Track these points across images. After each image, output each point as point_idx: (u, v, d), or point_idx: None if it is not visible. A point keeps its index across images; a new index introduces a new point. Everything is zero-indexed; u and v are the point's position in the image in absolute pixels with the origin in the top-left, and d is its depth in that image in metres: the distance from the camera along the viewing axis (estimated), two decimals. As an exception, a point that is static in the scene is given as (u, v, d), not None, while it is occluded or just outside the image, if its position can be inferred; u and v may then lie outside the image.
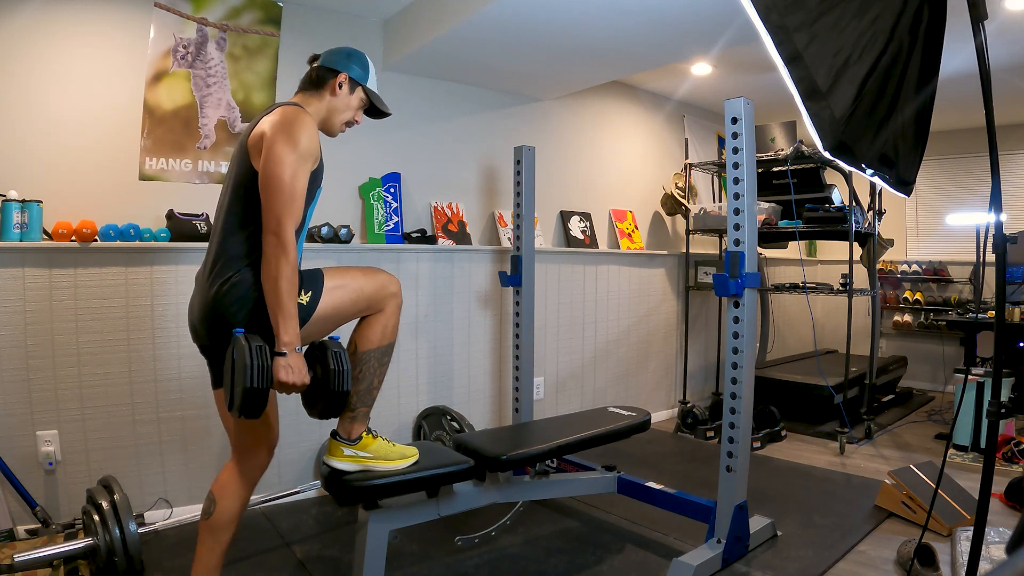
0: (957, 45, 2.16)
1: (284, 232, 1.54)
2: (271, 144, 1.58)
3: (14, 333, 2.31)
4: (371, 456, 1.87)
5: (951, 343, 5.22)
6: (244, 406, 1.52)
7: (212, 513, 1.74)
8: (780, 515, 2.61)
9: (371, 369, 1.84)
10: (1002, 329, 1.56)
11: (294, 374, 1.56)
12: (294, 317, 1.56)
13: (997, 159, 1.45)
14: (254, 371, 1.49)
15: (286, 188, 1.55)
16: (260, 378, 1.50)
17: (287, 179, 1.56)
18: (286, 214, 1.55)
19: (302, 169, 1.60)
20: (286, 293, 1.54)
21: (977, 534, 1.48)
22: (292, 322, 1.56)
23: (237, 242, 1.64)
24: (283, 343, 1.54)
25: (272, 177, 1.56)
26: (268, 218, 1.56)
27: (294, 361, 1.56)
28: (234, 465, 1.79)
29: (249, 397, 1.51)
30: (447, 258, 3.36)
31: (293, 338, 1.56)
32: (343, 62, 1.81)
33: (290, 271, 1.55)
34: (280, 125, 1.60)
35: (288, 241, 1.55)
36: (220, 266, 1.64)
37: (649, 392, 4.42)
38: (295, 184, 1.57)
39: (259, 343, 1.53)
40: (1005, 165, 4.60)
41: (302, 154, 1.59)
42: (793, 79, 1.40)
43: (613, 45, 2.96)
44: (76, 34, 2.46)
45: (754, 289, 2.25)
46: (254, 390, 1.50)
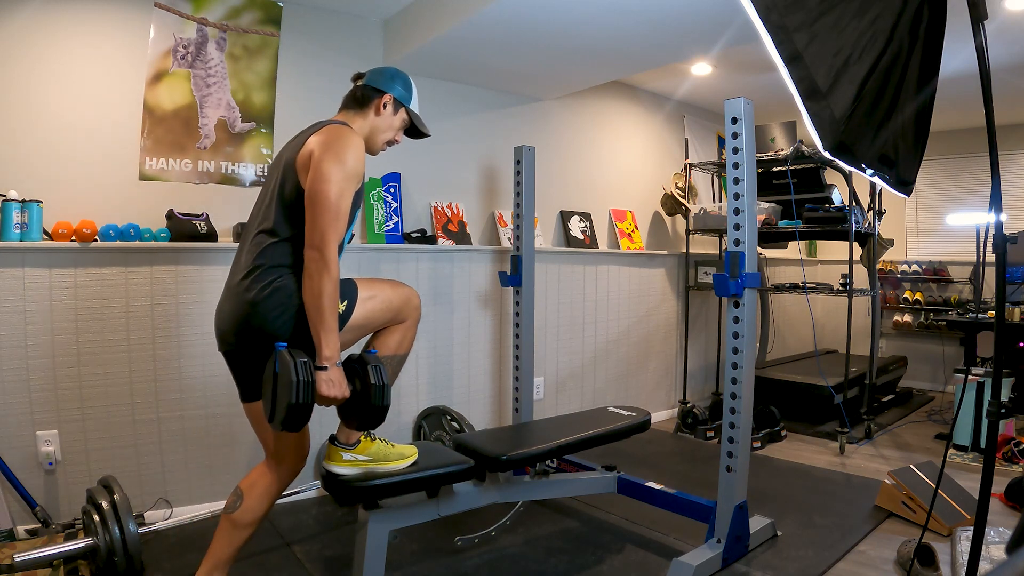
0: (957, 45, 2.16)
1: (328, 248, 1.58)
2: (319, 162, 1.61)
3: (14, 333, 2.31)
4: (370, 459, 1.87)
5: (951, 343, 5.22)
6: (288, 420, 1.54)
7: (237, 509, 1.77)
8: (780, 515, 2.61)
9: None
10: (1002, 329, 1.56)
11: (335, 388, 1.59)
12: (335, 331, 1.59)
13: (997, 159, 1.45)
14: (299, 386, 1.51)
15: (332, 206, 1.59)
16: (305, 393, 1.52)
17: (333, 198, 1.59)
18: (330, 231, 1.58)
19: (348, 188, 1.63)
20: (328, 308, 1.57)
21: (977, 534, 1.48)
22: (333, 336, 1.59)
23: (281, 251, 1.67)
24: (324, 357, 1.57)
25: (319, 194, 1.59)
26: (313, 234, 1.59)
27: (335, 375, 1.59)
28: (267, 469, 1.82)
29: (294, 412, 1.53)
30: (447, 258, 3.36)
31: (334, 352, 1.59)
32: (388, 83, 1.85)
33: (332, 287, 1.58)
34: (329, 144, 1.64)
35: (331, 257, 1.58)
36: (260, 272, 1.66)
37: (649, 392, 4.42)
38: (340, 203, 1.61)
39: (304, 358, 1.55)
40: (1005, 165, 4.60)
41: (349, 174, 1.63)
42: (793, 79, 1.40)
43: (613, 45, 2.96)
44: (76, 34, 2.46)
45: (754, 289, 2.25)
46: (299, 405, 1.52)
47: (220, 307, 1.77)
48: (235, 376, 1.81)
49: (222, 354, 1.80)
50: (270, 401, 1.59)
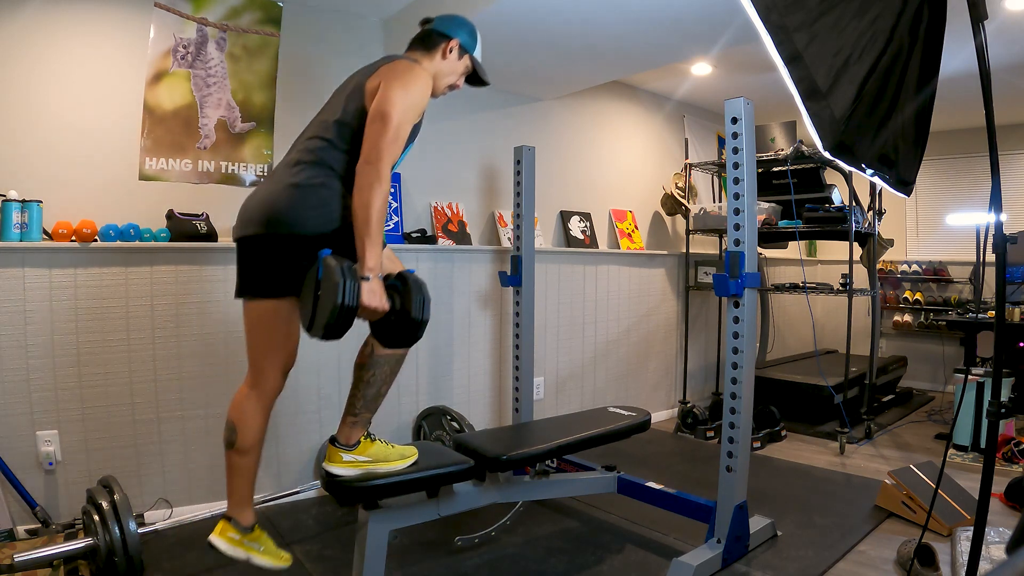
0: (957, 45, 2.16)
1: (383, 165, 1.63)
2: (388, 86, 1.68)
3: (14, 333, 2.31)
4: (370, 460, 1.87)
5: (951, 343, 5.22)
6: (332, 325, 1.56)
7: (235, 442, 1.79)
8: (780, 515, 2.61)
9: (382, 375, 1.84)
10: (1002, 329, 1.56)
11: (376, 298, 1.62)
12: (379, 245, 1.63)
13: (997, 159, 1.45)
14: (346, 289, 1.54)
15: (392, 127, 1.65)
16: (351, 296, 1.55)
17: (395, 120, 1.65)
18: (388, 150, 1.64)
19: (409, 116, 1.70)
20: (376, 220, 1.62)
21: (977, 534, 1.48)
22: (378, 249, 1.63)
23: (334, 157, 1.73)
24: (368, 268, 1.61)
25: (382, 115, 1.65)
26: (369, 150, 1.65)
27: (376, 286, 1.62)
28: (249, 389, 1.81)
29: (340, 315, 1.54)
30: (447, 258, 3.36)
31: (376, 264, 1.62)
32: (456, 28, 1.93)
33: (382, 202, 1.63)
34: (399, 74, 1.72)
35: (385, 174, 1.63)
36: (310, 164, 1.72)
37: (649, 392, 4.42)
38: (400, 127, 1.67)
39: (350, 263, 1.59)
40: (1005, 165, 4.60)
41: (412, 103, 1.70)
42: (793, 79, 1.40)
43: (613, 45, 2.96)
44: (76, 34, 2.46)
45: (754, 289, 2.25)
46: (345, 308, 1.54)
47: (253, 193, 1.79)
48: (242, 267, 1.78)
49: (236, 242, 1.79)
50: (310, 308, 1.61)
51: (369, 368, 1.82)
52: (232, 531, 1.79)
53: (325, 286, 1.56)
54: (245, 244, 1.77)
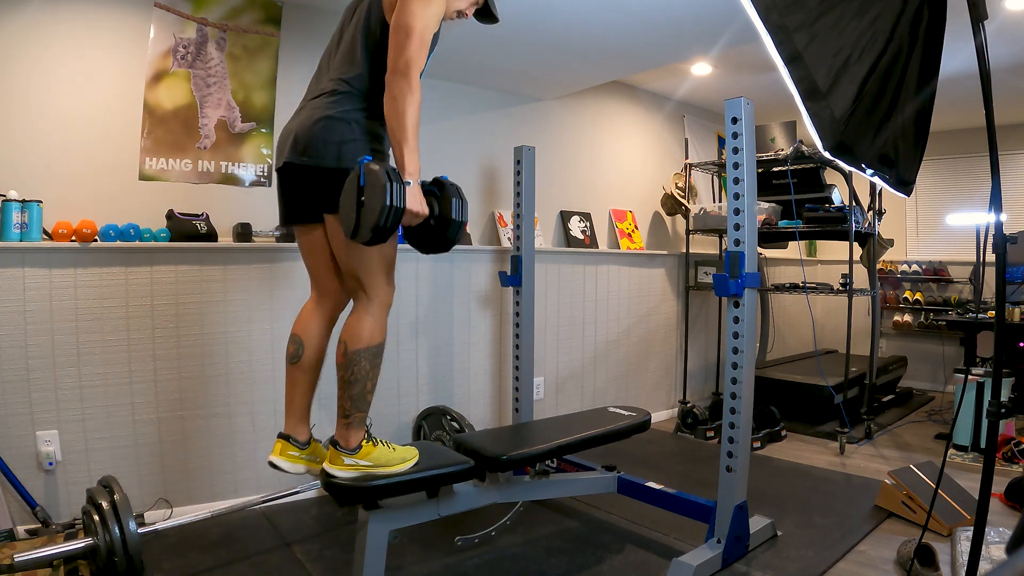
0: (957, 45, 2.16)
1: (412, 73, 1.65)
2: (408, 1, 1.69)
3: (14, 333, 2.31)
4: (372, 464, 1.85)
5: (951, 343, 5.22)
6: (380, 227, 1.59)
7: (301, 356, 1.90)
8: (780, 515, 2.61)
9: (363, 371, 1.81)
10: (1002, 329, 1.57)
11: (417, 203, 1.66)
12: (417, 151, 1.67)
13: (997, 159, 1.45)
14: (393, 190, 1.57)
15: (417, 35, 1.67)
16: (399, 197, 1.59)
17: (419, 28, 1.67)
18: (415, 60, 1.66)
19: (431, 23, 1.71)
20: (411, 127, 1.65)
21: (977, 534, 1.48)
22: (415, 155, 1.67)
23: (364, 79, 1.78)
24: (408, 172, 1.65)
25: (407, 26, 1.67)
26: (397, 61, 1.66)
27: (416, 191, 1.66)
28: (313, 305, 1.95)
29: (389, 215, 1.57)
30: (447, 258, 3.36)
31: (416, 170, 1.66)
32: None
33: (415, 109, 1.66)
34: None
35: (415, 82, 1.66)
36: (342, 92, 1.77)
37: (649, 392, 4.42)
38: (425, 35, 1.69)
39: (391, 166, 1.62)
40: (1005, 165, 4.60)
41: (433, 12, 1.73)
42: (793, 79, 1.41)
43: (613, 45, 2.96)
44: (76, 34, 2.46)
45: (754, 289, 2.25)
46: (394, 208, 1.57)
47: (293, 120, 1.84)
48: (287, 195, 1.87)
49: (277, 172, 1.86)
50: (353, 215, 1.62)
51: (348, 367, 1.79)
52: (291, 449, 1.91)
53: (370, 189, 1.58)
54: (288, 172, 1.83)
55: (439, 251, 1.84)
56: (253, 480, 2.78)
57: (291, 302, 2.79)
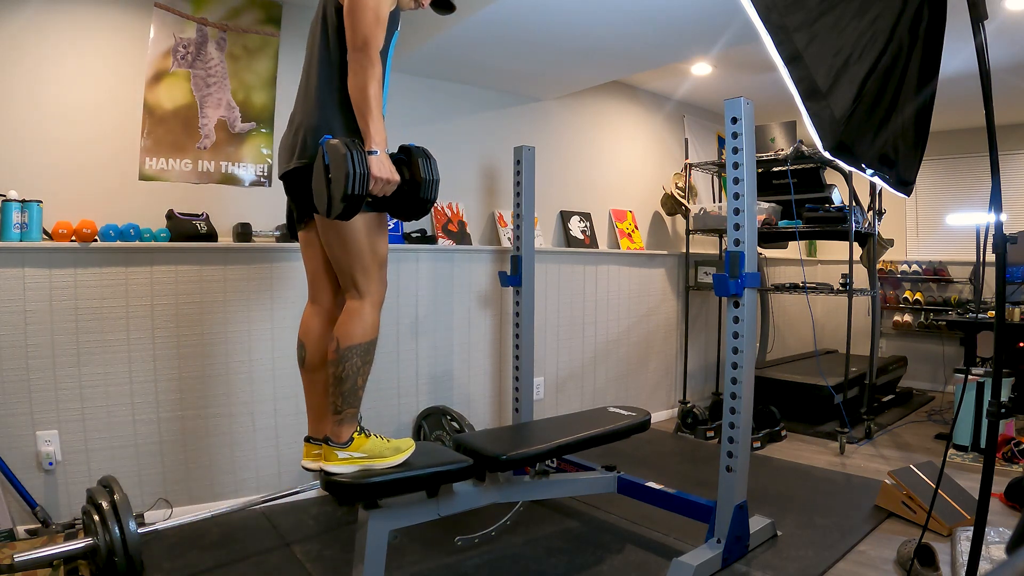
0: (957, 45, 2.16)
1: (370, 48, 1.68)
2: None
3: (14, 333, 2.31)
4: (366, 455, 1.87)
5: (951, 343, 5.22)
6: (349, 196, 1.61)
7: (305, 358, 1.96)
8: (780, 515, 2.61)
9: (354, 367, 1.82)
10: (1002, 329, 1.57)
11: (386, 170, 1.69)
12: (381, 120, 1.70)
13: (997, 159, 1.45)
14: (354, 158, 1.61)
15: (371, 12, 1.69)
16: (361, 163, 1.62)
17: (372, 5, 1.69)
18: (372, 34, 1.69)
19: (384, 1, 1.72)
20: (374, 98, 1.68)
21: (977, 534, 1.48)
22: (380, 124, 1.70)
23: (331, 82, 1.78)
24: (374, 142, 1.68)
25: (359, 4, 1.69)
26: (355, 38, 1.69)
27: (385, 159, 1.69)
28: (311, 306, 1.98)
29: (355, 183, 1.60)
30: (447, 258, 3.36)
31: (382, 139, 1.70)
32: None
33: (377, 81, 1.69)
34: None
35: (374, 56, 1.68)
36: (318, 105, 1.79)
37: (649, 392, 4.42)
38: (379, 9, 1.70)
39: (351, 138, 1.66)
40: (1005, 165, 4.60)
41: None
42: (793, 79, 1.41)
43: (613, 45, 2.96)
44: (76, 34, 2.46)
45: (754, 289, 2.25)
46: (358, 175, 1.60)
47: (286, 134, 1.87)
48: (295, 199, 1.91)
49: (282, 180, 1.89)
50: (325, 194, 1.65)
51: (339, 363, 1.81)
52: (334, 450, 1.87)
53: (334, 163, 1.62)
54: (293, 176, 1.85)
55: (420, 215, 1.85)
56: (253, 480, 2.78)
57: (291, 302, 2.79)
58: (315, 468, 1.91)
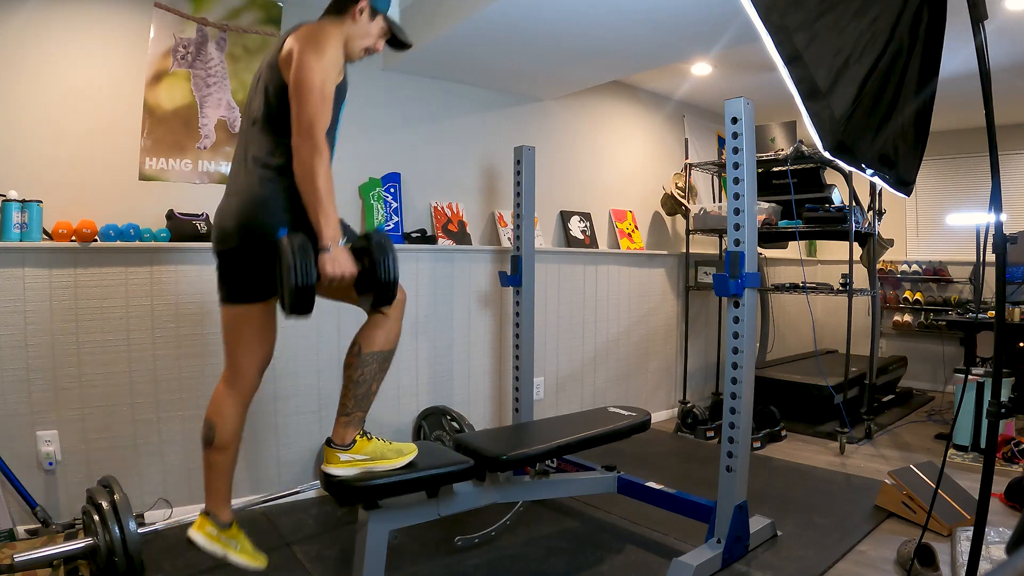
0: (957, 45, 2.16)
1: (317, 133, 1.61)
2: (301, 53, 1.64)
3: (14, 333, 2.31)
4: (368, 458, 1.87)
5: (951, 343, 5.22)
6: (294, 303, 1.58)
7: (213, 439, 1.81)
8: (780, 515, 2.61)
9: (371, 372, 1.85)
10: (1002, 329, 1.57)
11: (340, 266, 1.63)
12: (333, 213, 1.63)
13: (997, 159, 1.45)
14: (297, 268, 1.56)
15: (316, 91, 1.62)
16: (304, 273, 1.56)
17: (317, 83, 1.62)
18: (317, 116, 1.61)
19: (329, 75, 1.66)
20: (323, 190, 1.61)
21: (977, 534, 1.48)
22: (331, 217, 1.62)
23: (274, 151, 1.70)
24: (327, 237, 1.62)
25: (303, 82, 1.62)
26: (300, 121, 1.62)
27: (337, 254, 1.63)
28: (227, 387, 1.85)
29: (298, 294, 1.57)
30: (447, 258, 3.36)
31: (335, 232, 1.63)
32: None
33: (325, 169, 1.62)
34: (308, 36, 1.68)
35: (321, 141, 1.61)
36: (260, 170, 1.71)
37: (649, 392, 4.42)
38: (325, 88, 1.64)
39: (301, 240, 1.59)
40: (1005, 165, 4.59)
41: (329, 62, 1.66)
42: (793, 79, 1.40)
43: (613, 45, 2.96)
44: (76, 34, 2.46)
45: (754, 289, 2.25)
46: (299, 288, 1.56)
47: (222, 208, 1.80)
48: (224, 277, 1.82)
49: (216, 255, 1.81)
50: (280, 289, 1.63)
51: (357, 367, 1.83)
52: (210, 526, 1.81)
53: (282, 267, 1.59)
54: (226, 257, 1.79)
55: (383, 304, 1.77)
56: (253, 480, 2.78)
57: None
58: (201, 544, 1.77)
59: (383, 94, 3.22)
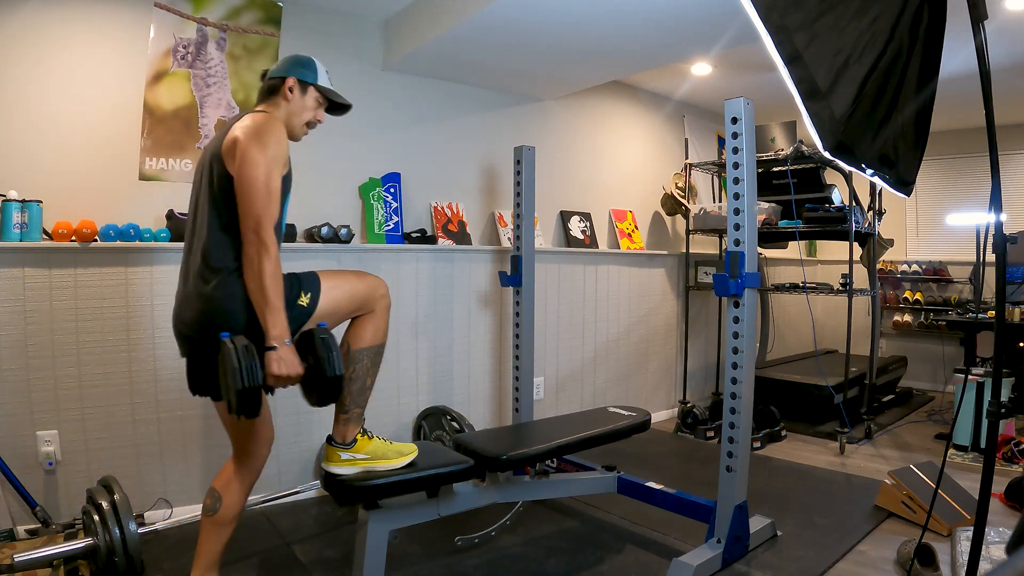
0: (957, 45, 2.16)
1: (263, 231, 1.59)
2: (245, 148, 1.62)
3: (14, 333, 2.31)
4: (368, 457, 1.88)
5: (951, 343, 5.22)
6: (240, 406, 1.55)
7: (218, 510, 1.79)
8: (780, 515, 2.61)
9: (363, 368, 1.87)
10: (1002, 329, 1.57)
11: (286, 366, 1.60)
12: (280, 311, 1.60)
13: (997, 159, 1.45)
14: (242, 371, 1.53)
15: (262, 188, 1.60)
16: (249, 377, 1.53)
17: (262, 179, 1.60)
18: (264, 213, 1.60)
19: (275, 171, 1.64)
20: (271, 289, 1.58)
21: (977, 534, 1.48)
22: (278, 316, 1.60)
23: (224, 246, 1.67)
24: (272, 337, 1.59)
25: (248, 179, 1.60)
26: (247, 219, 1.61)
27: (284, 354, 1.60)
28: (236, 464, 1.84)
29: (242, 397, 1.54)
30: (447, 258, 3.36)
31: (282, 331, 1.60)
32: (287, 68, 1.85)
33: (272, 268, 1.59)
34: (252, 130, 1.64)
35: (268, 239, 1.59)
36: (210, 269, 1.67)
37: (649, 392, 4.42)
38: (270, 184, 1.62)
39: (245, 343, 1.56)
40: (1005, 165, 4.60)
41: (274, 157, 1.64)
42: (793, 79, 1.40)
43: (613, 45, 2.96)
44: (76, 34, 2.46)
45: (754, 289, 2.25)
46: (245, 390, 1.53)
47: (180, 302, 1.78)
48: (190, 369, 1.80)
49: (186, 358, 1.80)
50: (225, 390, 1.60)
51: (350, 364, 1.85)
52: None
53: (225, 370, 1.56)
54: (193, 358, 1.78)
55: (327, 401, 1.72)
56: (253, 480, 2.78)
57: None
58: None
59: (383, 94, 3.22)
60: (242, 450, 1.84)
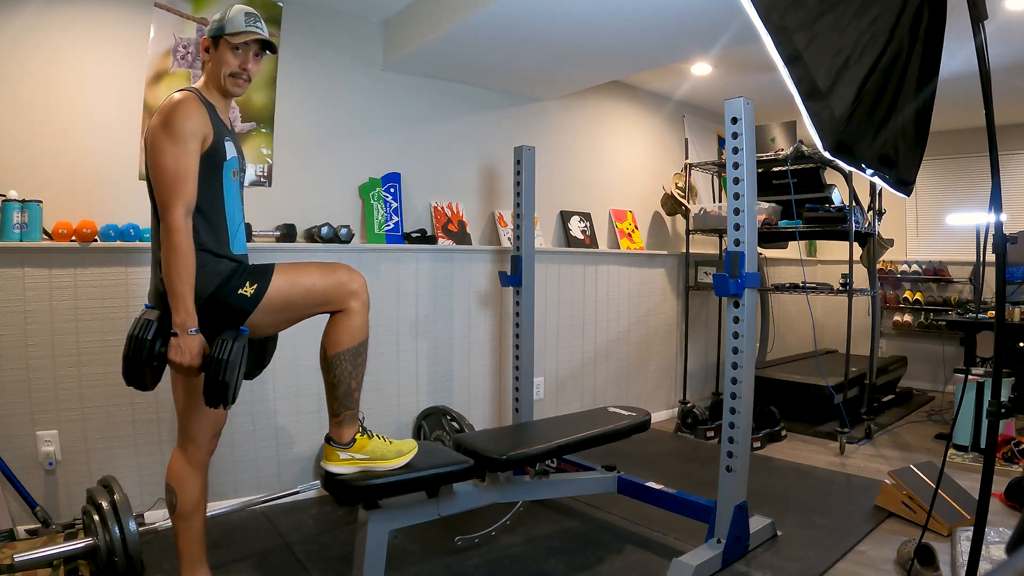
0: (957, 45, 2.16)
1: (171, 217, 1.59)
2: (152, 136, 1.64)
3: (14, 333, 2.31)
4: (367, 457, 1.87)
5: (951, 343, 5.22)
6: (124, 372, 1.62)
7: (176, 504, 1.80)
8: (780, 515, 2.61)
9: (345, 372, 1.82)
10: (1002, 329, 1.57)
11: (182, 355, 1.60)
12: (184, 298, 1.59)
13: (997, 159, 1.45)
14: (132, 340, 1.60)
15: (169, 174, 1.60)
16: (136, 348, 1.60)
17: (169, 165, 1.60)
18: (172, 199, 1.59)
19: (184, 151, 1.62)
20: (175, 274, 1.59)
21: (977, 534, 1.48)
22: (182, 303, 1.59)
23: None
24: (175, 324, 1.60)
25: (155, 167, 1.62)
26: (158, 204, 1.63)
27: (184, 342, 1.60)
28: (182, 452, 1.85)
29: (125, 364, 1.62)
30: (447, 258, 3.36)
31: (184, 319, 1.59)
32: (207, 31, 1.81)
33: (177, 255, 1.58)
34: (158, 115, 1.66)
35: (175, 225, 1.59)
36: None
37: (649, 392, 4.42)
38: (178, 167, 1.61)
39: (148, 318, 1.62)
40: (1005, 165, 4.60)
41: (180, 137, 1.62)
42: (793, 79, 1.40)
43: (613, 45, 2.96)
44: (76, 34, 2.46)
45: (754, 289, 2.25)
46: (126, 358, 1.61)
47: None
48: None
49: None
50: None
51: (330, 370, 1.82)
52: None
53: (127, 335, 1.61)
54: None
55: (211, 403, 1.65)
56: (253, 480, 2.78)
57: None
58: None
59: (383, 94, 3.22)
60: (187, 436, 1.84)
